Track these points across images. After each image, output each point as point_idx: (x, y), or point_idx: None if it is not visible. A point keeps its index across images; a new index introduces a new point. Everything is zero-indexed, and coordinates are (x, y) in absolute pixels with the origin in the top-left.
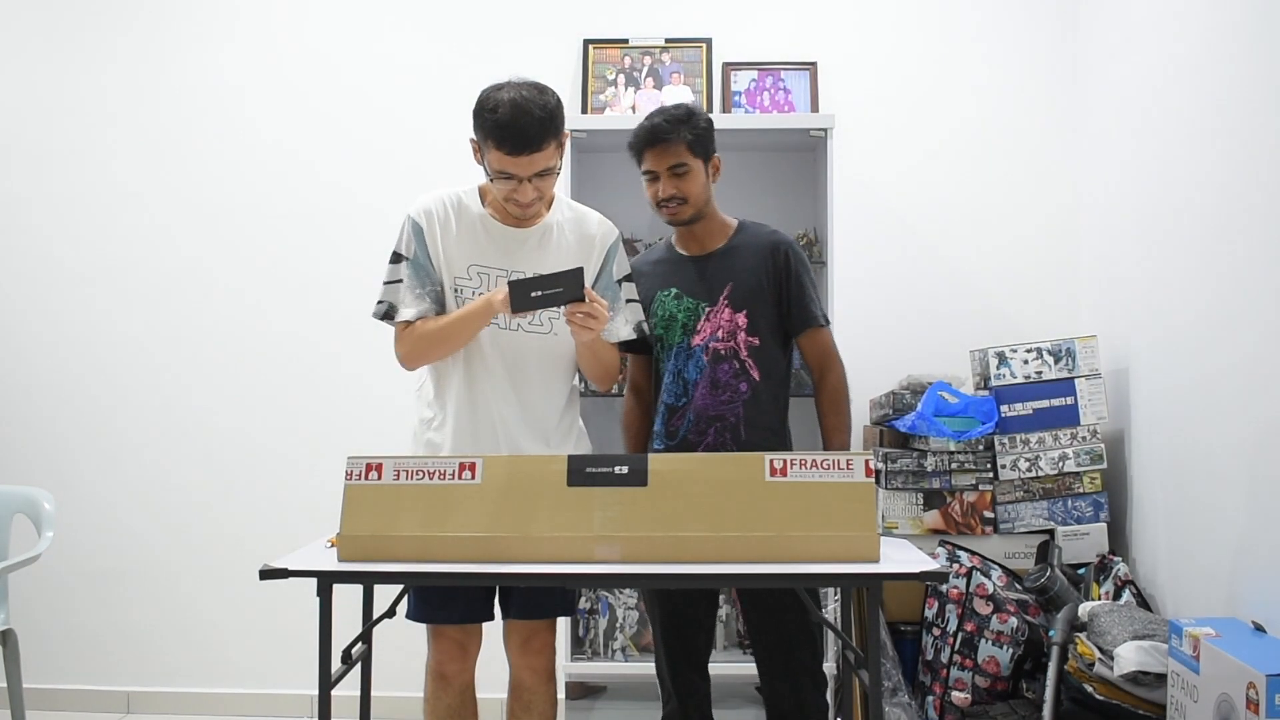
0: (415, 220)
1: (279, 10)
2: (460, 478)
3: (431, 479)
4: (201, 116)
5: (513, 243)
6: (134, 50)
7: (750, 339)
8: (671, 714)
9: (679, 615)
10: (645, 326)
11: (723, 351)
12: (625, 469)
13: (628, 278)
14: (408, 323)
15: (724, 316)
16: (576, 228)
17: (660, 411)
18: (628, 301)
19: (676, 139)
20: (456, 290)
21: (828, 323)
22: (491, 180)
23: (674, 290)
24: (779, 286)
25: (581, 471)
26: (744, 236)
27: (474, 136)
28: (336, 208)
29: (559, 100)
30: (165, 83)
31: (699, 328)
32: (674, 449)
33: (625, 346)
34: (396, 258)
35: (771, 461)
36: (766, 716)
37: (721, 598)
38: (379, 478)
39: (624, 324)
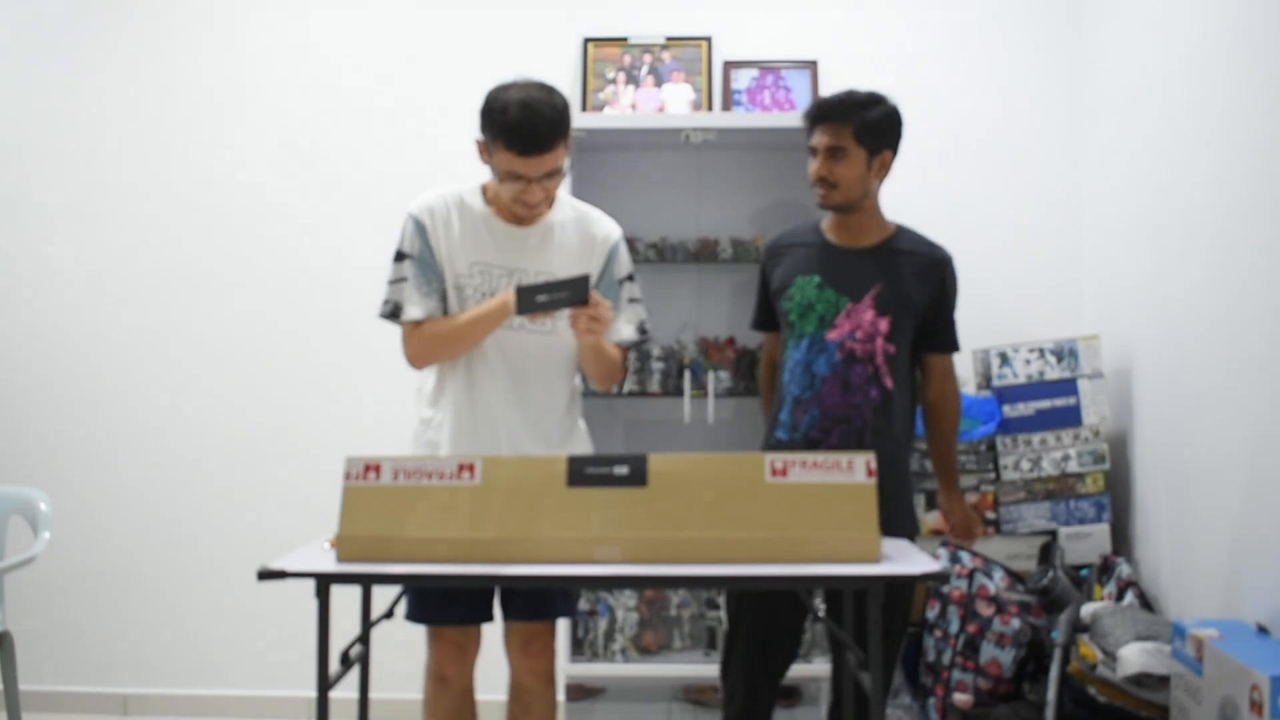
0: (417, 218)
1: (279, 9)
2: (459, 478)
3: (430, 479)
4: (203, 117)
5: (515, 241)
6: (134, 49)
7: (888, 346)
8: (733, 715)
9: (769, 622)
10: (648, 326)
11: (859, 353)
12: (625, 469)
13: (630, 277)
14: (416, 322)
15: (866, 317)
16: (579, 227)
17: (786, 402)
18: (630, 301)
19: (843, 121)
20: (459, 288)
21: (958, 349)
22: (500, 181)
23: (817, 278)
24: (932, 302)
25: (581, 472)
26: (904, 242)
27: (480, 137)
28: (336, 207)
29: (566, 100)
30: (163, 83)
31: (837, 322)
32: (797, 442)
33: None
34: (400, 256)
35: (772, 462)
36: (829, 713)
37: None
38: (378, 478)
39: (626, 324)
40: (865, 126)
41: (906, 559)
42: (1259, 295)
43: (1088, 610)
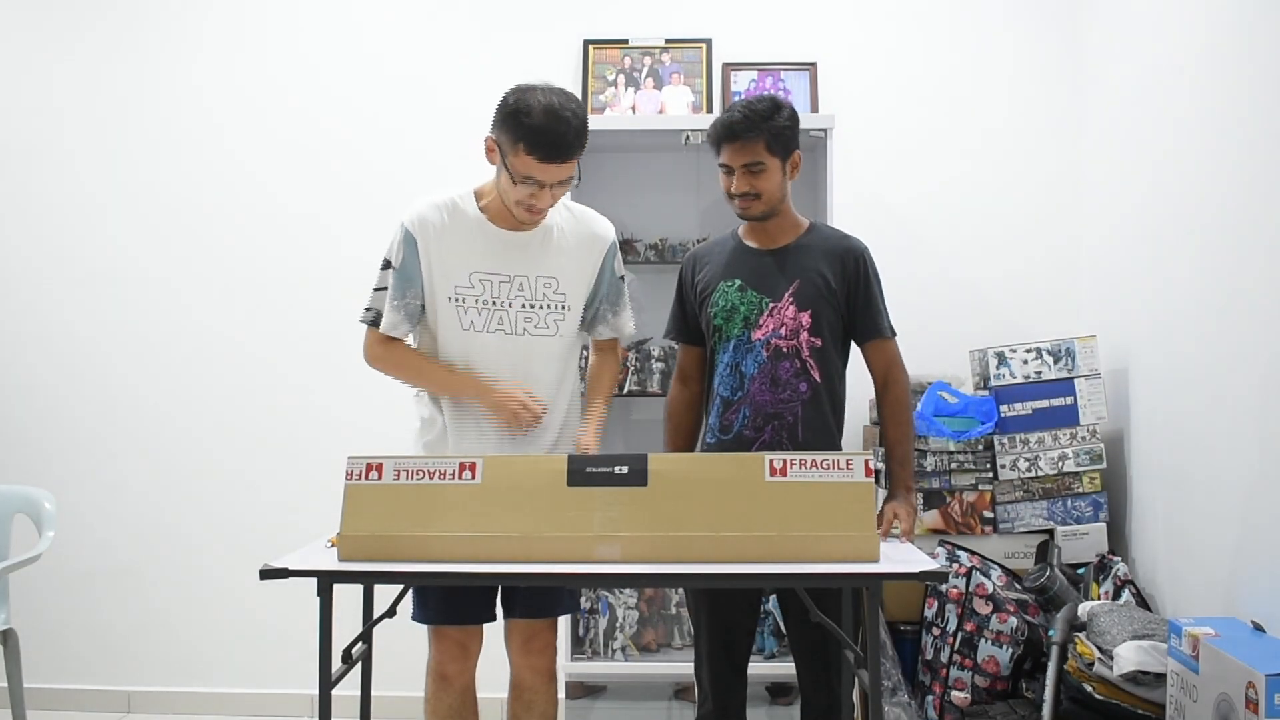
0: (408, 229)
1: (279, 11)
2: (460, 478)
3: (432, 479)
4: (202, 119)
5: (513, 246)
6: (130, 52)
7: (813, 339)
8: (707, 715)
9: (725, 617)
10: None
11: (784, 349)
12: (625, 469)
13: (622, 278)
14: (386, 335)
15: (788, 314)
16: (576, 227)
17: (715, 405)
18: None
19: (754, 136)
20: (459, 299)
21: (894, 334)
22: (514, 183)
23: (737, 282)
24: (848, 291)
25: (581, 471)
26: (815, 237)
27: (493, 135)
28: (336, 209)
29: (585, 108)
30: (165, 85)
31: (761, 322)
32: (729, 444)
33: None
34: (386, 264)
35: (771, 461)
36: (801, 714)
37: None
38: (379, 478)
39: (626, 321)
40: (775, 136)
41: (905, 558)
42: (1256, 295)
43: (1084, 608)
